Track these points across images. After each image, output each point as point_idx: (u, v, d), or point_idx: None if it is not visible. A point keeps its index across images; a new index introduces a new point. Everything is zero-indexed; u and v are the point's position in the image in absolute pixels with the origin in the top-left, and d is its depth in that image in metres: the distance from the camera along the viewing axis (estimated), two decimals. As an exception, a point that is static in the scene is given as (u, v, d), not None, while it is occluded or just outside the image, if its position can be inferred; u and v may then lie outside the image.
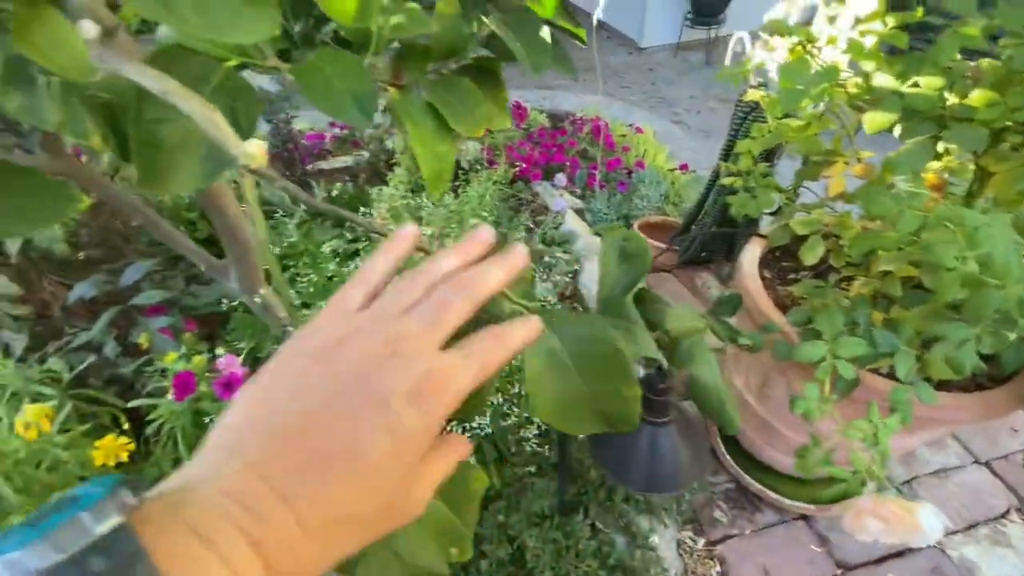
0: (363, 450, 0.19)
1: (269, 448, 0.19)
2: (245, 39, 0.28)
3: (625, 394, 0.33)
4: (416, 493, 0.22)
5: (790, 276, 0.95)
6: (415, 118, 0.55)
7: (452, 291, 0.23)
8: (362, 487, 0.20)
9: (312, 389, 0.20)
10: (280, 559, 0.18)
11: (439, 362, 0.21)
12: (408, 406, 0.20)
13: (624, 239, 0.40)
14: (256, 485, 0.18)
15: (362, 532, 0.21)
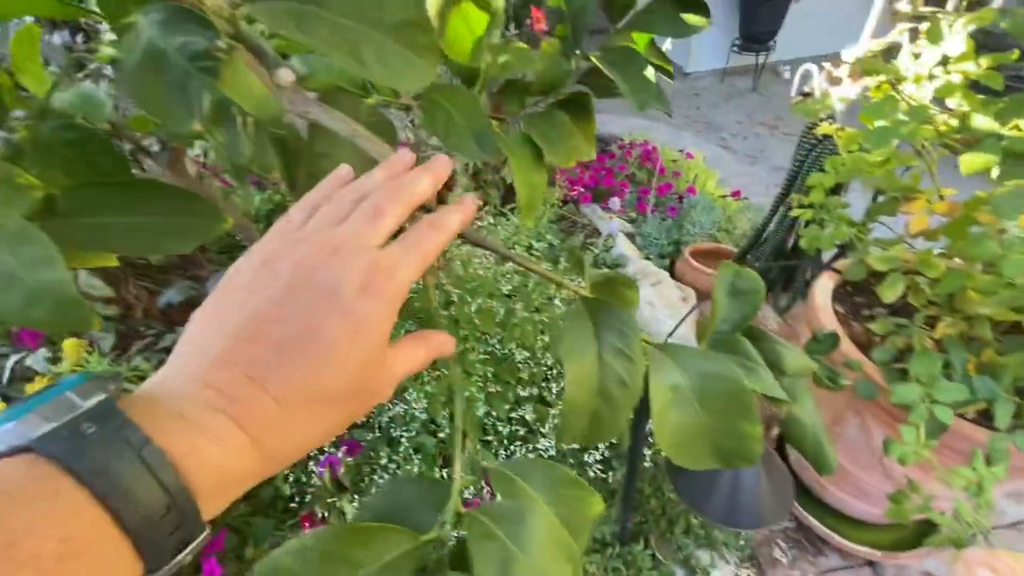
0: (320, 335, 0.20)
1: (231, 342, 0.20)
2: (414, 86, 0.31)
3: (747, 431, 0.34)
4: (384, 376, 0.23)
5: (864, 312, 0.92)
6: (514, 149, 0.58)
7: (383, 196, 0.24)
8: (325, 368, 0.20)
9: (262, 291, 0.21)
10: (263, 434, 0.19)
11: (380, 255, 0.22)
12: (358, 297, 0.21)
13: (736, 275, 0.41)
14: (226, 372, 0.19)
15: (337, 409, 0.22)
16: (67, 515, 0.15)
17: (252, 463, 0.20)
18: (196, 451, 0.18)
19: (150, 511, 0.16)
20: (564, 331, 0.29)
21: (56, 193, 0.38)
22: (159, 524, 0.16)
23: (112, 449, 0.16)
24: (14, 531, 0.14)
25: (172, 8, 0.29)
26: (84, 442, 0.16)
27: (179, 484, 0.17)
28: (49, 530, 0.15)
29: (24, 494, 0.15)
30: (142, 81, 0.29)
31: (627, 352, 0.29)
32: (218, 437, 0.18)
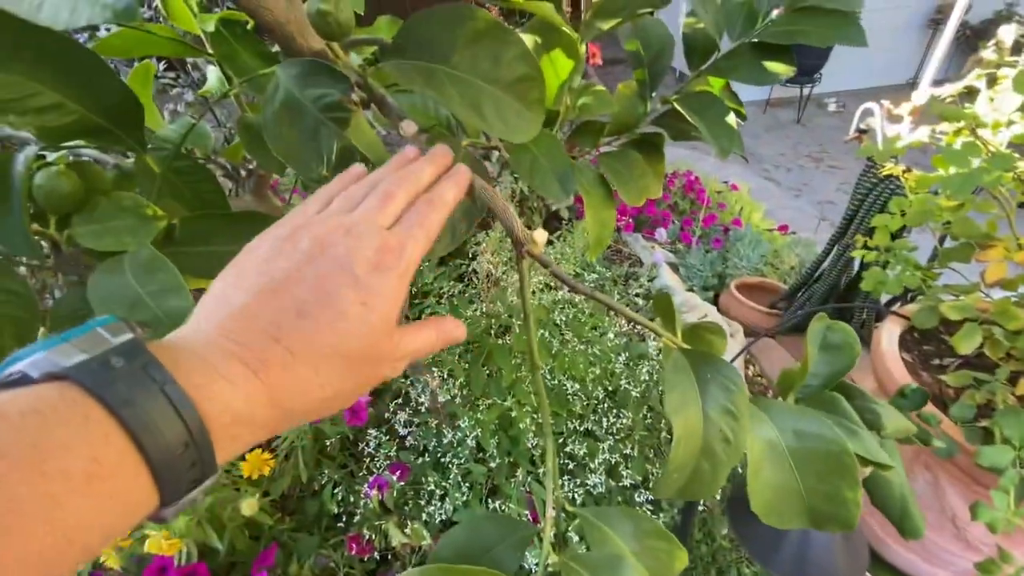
0: (334, 301, 0.22)
1: (252, 299, 0.21)
2: (525, 138, 0.32)
3: (846, 496, 0.33)
4: (392, 347, 0.24)
5: (933, 361, 0.88)
6: (587, 187, 0.59)
7: (391, 184, 0.26)
8: (337, 330, 0.22)
9: (281, 260, 0.23)
10: (276, 383, 0.20)
11: (388, 235, 0.24)
12: (369, 272, 0.23)
13: (828, 327, 0.40)
14: (245, 324, 0.21)
15: (348, 371, 0.23)
16: (97, 439, 0.16)
17: (264, 411, 0.20)
18: (213, 392, 0.19)
19: (171, 444, 0.17)
20: (666, 384, 0.30)
21: (175, 223, 0.41)
22: (178, 458, 0.17)
23: (138, 383, 0.17)
24: (47, 448, 0.15)
25: (309, 63, 0.31)
26: (113, 374, 0.17)
27: (198, 421, 0.18)
28: (80, 450, 0.15)
29: (57, 415, 0.15)
30: (279, 129, 0.31)
31: (732, 410, 0.29)
32: (234, 382, 0.19)
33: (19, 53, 0.28)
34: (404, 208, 0.26)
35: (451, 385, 0.91)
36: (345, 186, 0.28)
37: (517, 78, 0.32)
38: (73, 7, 0.30)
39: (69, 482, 0.15)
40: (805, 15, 0.50)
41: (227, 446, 0.19)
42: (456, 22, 0.30)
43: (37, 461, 0.15)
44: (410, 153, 0.30)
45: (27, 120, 0.30)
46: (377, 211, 0.25)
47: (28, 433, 0.15)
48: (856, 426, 0.34)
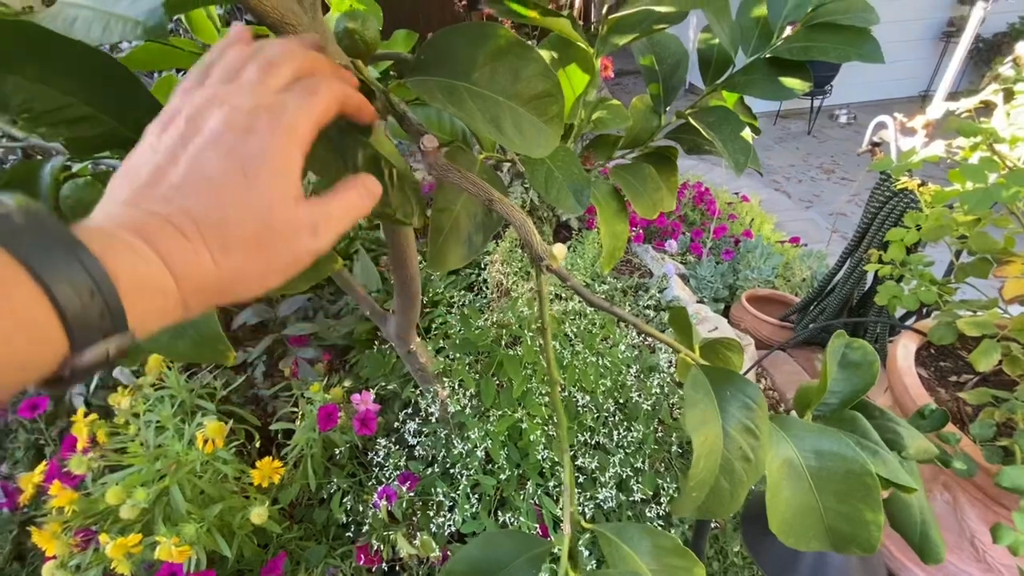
0: (210, 174, 0.22)
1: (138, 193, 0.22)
2: (543, 152, 0.33)
3: (867, 518, 0.32)
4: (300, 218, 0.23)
5: (950, 378, 0.87)
6: (601, 200, 0.59)
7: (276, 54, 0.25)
8: (223, 201, 0.21)
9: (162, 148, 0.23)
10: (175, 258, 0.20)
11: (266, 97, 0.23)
12: (244, 137, 0.22)
13: (847, 345, 0.40)
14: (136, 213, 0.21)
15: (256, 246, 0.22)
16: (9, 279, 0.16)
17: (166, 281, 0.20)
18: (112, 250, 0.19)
19: (77, 290, 0.17)
20: (686, 402, 0.29)
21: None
22: (86, 306, 0.18)
23: (40, 235, 0.17)
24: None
25: (334, 79, 0.32)
26: (18, 227, 0.17)
27: (101, 271, 0.18)
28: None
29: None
30: (302, 143, 0.31)
31: (753, 428, 0.29)
32: (130, 246, 0.20)
33: (53, 66, 0.29)
34: (287, 80, 0.25)
35: (461, 395, 0.91)
36: (223, 52, 0.27)
37: (537, 94, 0.32)
38: (105, 24, 0.31)
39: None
40: (821, 31, 0.50)
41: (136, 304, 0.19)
42: (479, 40, 0.31)
43: None
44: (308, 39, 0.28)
45: (59, 131, 0.31)
46: (258, 80, 0.24)
47: None
48: (877, 446, 0.34)
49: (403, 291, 0.75)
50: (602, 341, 1.03)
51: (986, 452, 0.62)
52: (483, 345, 0.94)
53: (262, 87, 0.24)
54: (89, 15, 0.32)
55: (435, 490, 0.86)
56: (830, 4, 0.49)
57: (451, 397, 0.91)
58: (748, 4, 0.54)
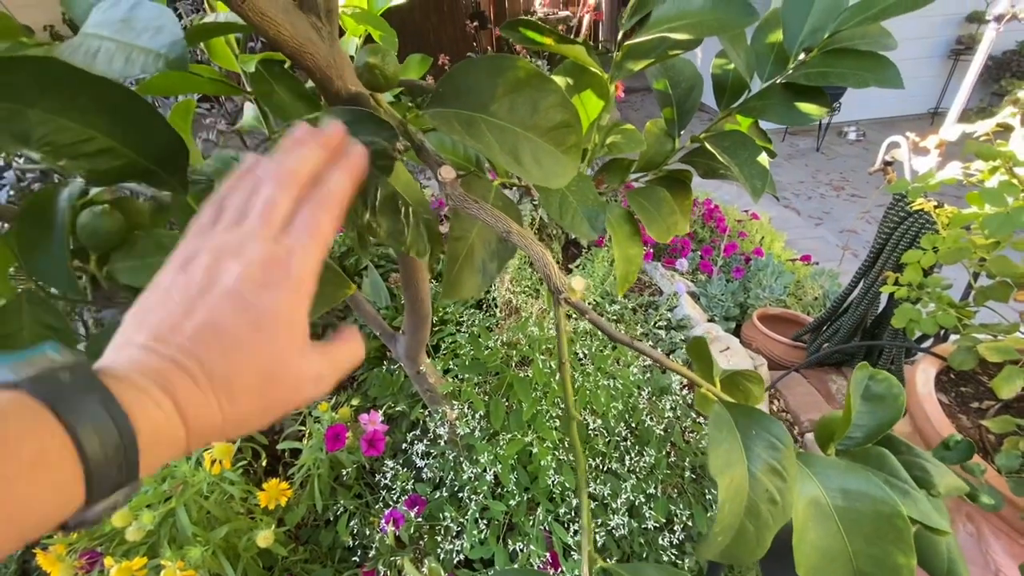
0: (225, 328, 0.23)
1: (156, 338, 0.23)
2: (561, 183, 0.32)
3: (898, 562, 0.31)
4: (305, 370, 0.24)
5: (972, 404, 0.85)
6: (615, 223, 0.59)
7: (273, 188, 0.26)
8: (233, 357, 0.23)
9: (177, 294, 0.24)
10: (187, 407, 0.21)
11: (276, 249, 0.24)
12: (259, 291, 0.23)
13: (871, 377, 0.38)
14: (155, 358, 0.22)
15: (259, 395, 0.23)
16: (45, 434, 0.18)
17: (179, 431, 0.21)
18: (139, 403, 0.20)
19: (105, 447, 0.19)
20: (710, 441, 0.28)
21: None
22: (109, 461, 0.19)
23: (81, 393, 0.19)
24: (10, 438, 0.17)
25: (355, 111, 0.32)
26: (60, 385, 0.19)
27: (129, 428, 0.19)
28: (30, 441, 0.17)
29: (13, 413, 0.18)
30: (319, 174, 0.31)
31: (780, 469, 0.28)
32: (153, 399, 0.21)
33: (75, 101, 0.29)
34: (292, 208, 0.26)
35: (470, 417, 0.90)
36: (236, 185, 0.28)
37: (555, 125, 0.32)
38: (127, 56, 0.31)
39: (19, 465, 0.17)
40: (839, 57, 0.50)
41: (149, 455, 0.21)
42: (497, 72, 0.31)
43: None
44: (299, 133, 0.29)
45: (79, 164, 0.31)
46: (261, 224, 0.25)
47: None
48: (907, 485, 0.33)
49: (413, 312, 0.74)
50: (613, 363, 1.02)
51: (1012, 484, 0.60)
52: (493, 366, 0.93)
53: (267, 230, 0.25)
54: (112, 47, 0.32)
55: (443, 514, 0.85)
56: (847, 30, 0.49)
57: (460, 419, 0.90)
58: (763, 30, 0.54)
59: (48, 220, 0.39)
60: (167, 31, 0.31)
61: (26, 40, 0.35)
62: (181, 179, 0.35)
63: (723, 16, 0.45)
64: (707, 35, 0.45)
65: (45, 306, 0.38)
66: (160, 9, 0.32)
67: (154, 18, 0.32)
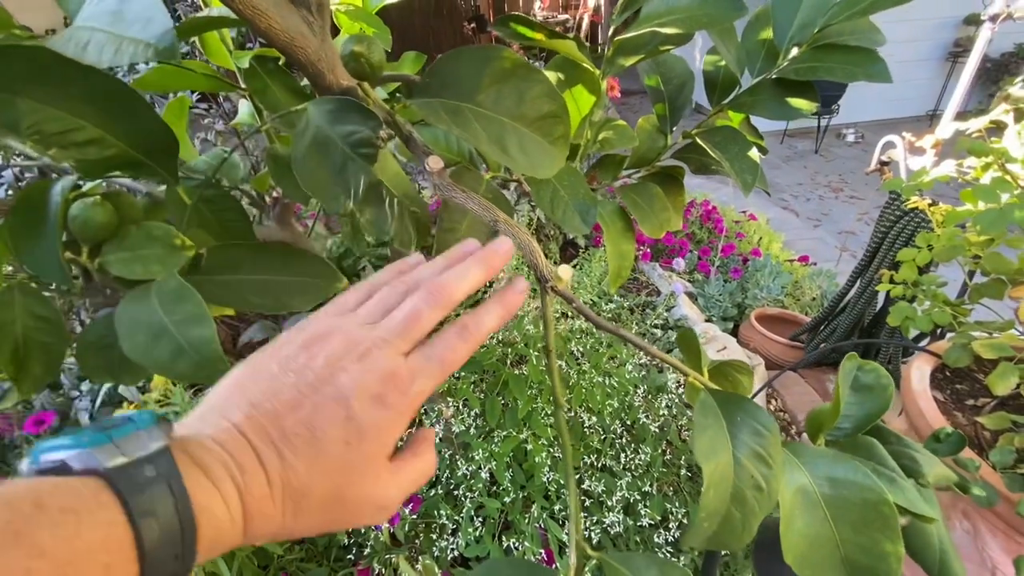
0: (319, 437, 0.22)
1: (250, 418, 0.22)
2: (548, 173, 0.33)
3: (885, 549, 0.31)
4: (378, 494, 0.24)
5: (967, 401, 0.85)
6: (607, 219, 0.59)
7: (424, 300, 0.25)
8: (315, 469, 0.22)
9: (290, 377, 0.23)
10: (252, 511, 0.21)
11: (402, 367, 0.24)
12: (367, 407, 0.22)
13: (859, 368, 0.39)
14: (242, 441, 0.22)
15: (322, 512, 0.23)
16: (114, 547, 0.18)
17: (237, 533, 0.21)
18: (210, 509, 0.20)
19: (166, 558, 0.19)
20: (695, 428, 0.28)
21: (202, 252, 0.42)
22: (166, 568, 0.19)
23: (159, 494, 0.19)
24: (77, 550, 0.17)
25: (340, 101, 0.32)
26: (143, 482, 0.19)
27: (192, 541, 0.19)
28: (100, 556, 0.17)
29: (91, 518, 0.17)
30: (308, 164, 0.31)
31: (764, 455, 0.28)
32: (225, 500, 0.21)
33: (65, 91, 0.29)
34: (430, 327, 0.25)
35: (465, 415, 0.90)
36: (387, 280, 0.28)
37: (542, 115, 0.32)
38: (117, 47, 0.32)
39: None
40: (828, 52, 0.50)
41: (201, 558, 0.20)
42: (483, 61, 0.31)
43: (65, 562, 0.16)
44: (469, 247, 0.28)
45: (69, 153, 0.31)
46: (398, 334, 0.24)
47: (64, 532, 0.17)
48: (894, 473, 0.33)
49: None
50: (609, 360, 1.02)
51: (1007, 479, 0.60)
52: (488, 364, 0.93)
53: (402, 343, 0.24)
54: (102, 38, 0.32)
55: (438, 512, 0.85)
56: (836, 25, 0.49)
57: (455, 417, 0.90)
58: (754, 26, 0.55)
59: (41, 212, 0.39)
60: (157, 22, 0.32)
61: (19, 32, 0.35)
62: (172, 170, 0.36)
63: (712, 10, 0.45)
64: (696, 29, 0.45)
65: (37, 297, 0.39)
66: (150, 1, 0.33)
67: (144, 9, 0.32)
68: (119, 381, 0.42)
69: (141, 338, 0.34)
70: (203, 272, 0.42)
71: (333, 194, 0.31)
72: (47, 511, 0.17)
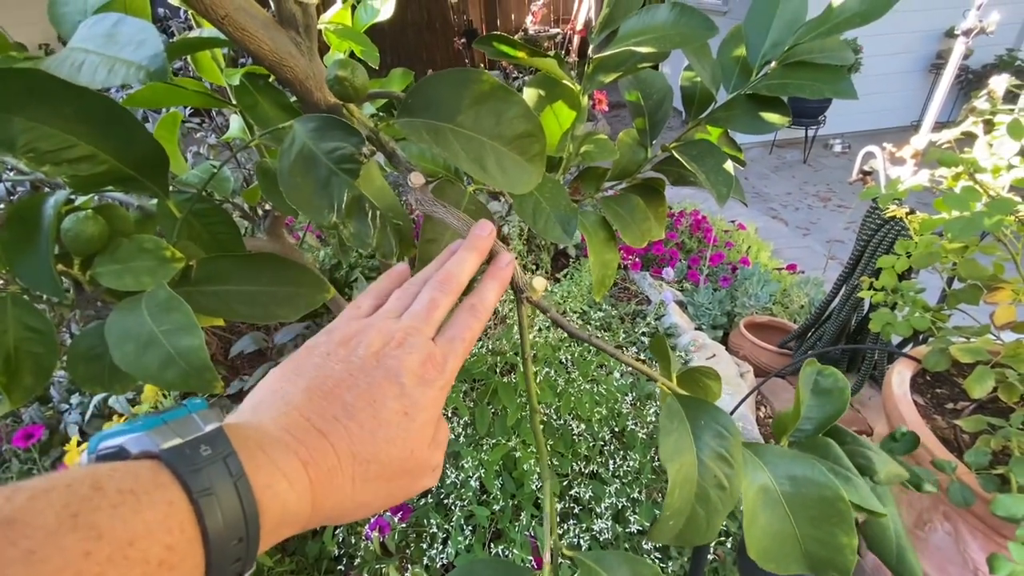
0: (380, 408, 0.24)
1: (309, 400, 0.24)
2: (525, 189, 0.34)
3: (841, 541, 0.32)
4: (429, 459, 0.26)
5: (947, 405, 0.87)
6: (590, 229, 0.60)
7: (437, 290, 0.29)
8: (379, 438, 0.24)
9: (337, 364, 0.25)
10: (320, 480, 0.22)
11: (434, 349, 0.27)
12: (415, 384, 0.25)
13: (819, 372, 0.40)
14: (302, 422, 0.23)
15: (387, 480, 0.24)
16: (175, 526, 0.17)
17: (306, 508, 0.22)
18: (272, 487, 0.20)
19: (230, 538, 0.18)
20: (661, 430, 0.30)
21: (191, 264, 0.43)
22: (230, 552, 0.18)
23: (217, 473, 0.19)
24: (135, 531, 0.16)
25: (325, 118, 0.33)
26: (200, 462, 0.19)
27: (255, 516, 0.19)
28: (160, 536, 0.17)
29: (149, 498, 0.17)
30: (294, 179, 0.33)
31: (727, 456, 0.29)
32: (288, 477, 0.21)
33: (59, 110, 0.31)
34: (447, 311, 0.29)
35: (455, 423, 0.91)
36: (393, 284, 0.31)
37: (519, 134, 0.34)
38: (110, 68, 0.33)
39: (147, 566, 0.16)
40: (797, 69, 0.52)
41: (268, 541, 0.20)
42: (463, 84, 0.33)
43: (125, 543, 0.16)
44: (454, 245, 0.32)
45: (61, 170, 0.32)
46: (423, 320, 0.27)
47: (122, 512, 0.16)
48: (849, 472, 0.34)
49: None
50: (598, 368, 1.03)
51: (982, 480, 0.61)
52: (478, 373, 0.94)
53: (428, 327, 0.27)
54: (96, 60, 0.34)
55: (428, 521, 0.85)
56: (805, 43, 0.51)
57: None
58: (728, 44, 0.57)
59: (34, 225, 0.40)
60: (148, 44, 0.33)
61: (15, 55, 0.37)
62: (162, 185, 0.37)
63: (685, 30, 0.47)
64: (671, 48, 0.47)
65: (29, 309, 0.40)
66: (142, 24, 0.34)
67: (136, 32, 0.34)
68: (109, 391, 0.43)
69: (131, 347, 0.35)
70: (193, 283, 0.44)
71: (317, 207, 0.33)
72: (105, 493, 0.17)
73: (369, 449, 0.23)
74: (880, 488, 0.41)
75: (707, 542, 0.30)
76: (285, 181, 0.33)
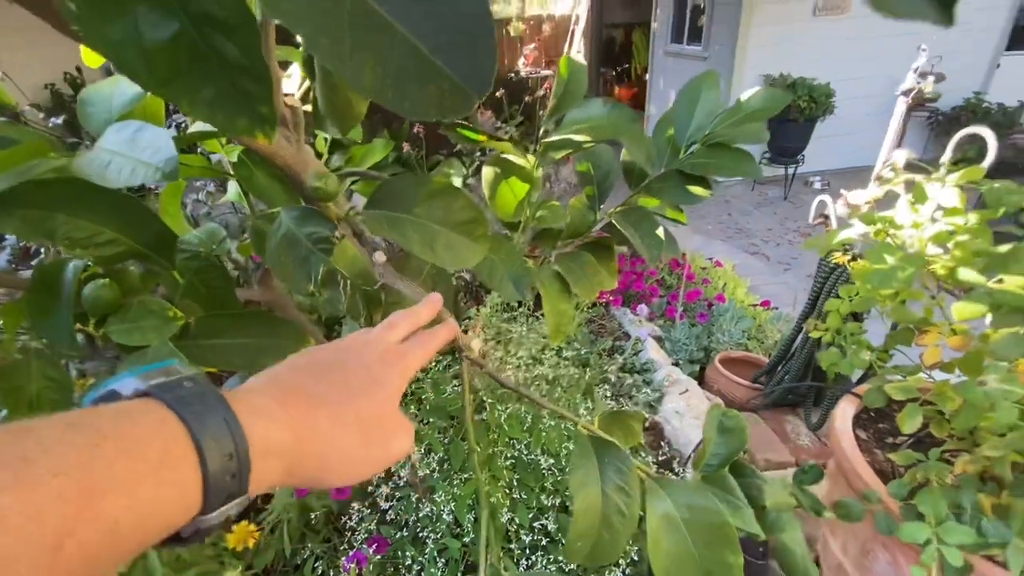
0: (351, 380, 0.30)
1: (296, 377, 0.29)
2: (472, 263, 0.42)
3: (730, 561, 0.39)
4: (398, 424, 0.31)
5: (888, 439, 0.93)
6: (545, 282, 0.68)
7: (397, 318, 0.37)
8: (352, 388, 0.29)
9: (327, 356, 0.31)
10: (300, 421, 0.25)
11: (395, 345, 0.34)
12: (377, 364, 0.32)
13: (724, 415, 0.47)
14: (287, 388, 0.27)
15: (361, 431, 0.28)
16: (169, 436, 0.20)
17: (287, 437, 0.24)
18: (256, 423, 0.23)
19: (221, 453, 0.20)
20: (571, 465, 0.37)
21: (190, 321, 0.50)
22: (224, 468, 0.21)
23: (202, 401, 0.21)
24: (133, 436, 0.19)
25: (305, 209, 0.41)
26: (186, 393, 0.21)
27: (244, 439, 0.21)
28: (156, 442, 0.19)
29: (143, 416, 0.20)
30: (279, 256, 0.40)
31: (626, 488, 0.36)
32: (271, 416, 0.24)
33: (92, 207, 0.38)
34: (407, 334, 0.36)
35: (430, 459, 0.96)
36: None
37: (464, 221, 0.42)
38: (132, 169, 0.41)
39: (146, 465, 0.19)
40: (716, 151, 0.61)
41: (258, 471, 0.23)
42: (419, 184, 0.41)
43: (125, 446, 0.19)
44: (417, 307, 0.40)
45: (89, 251, 0.40)
46: (385, 332, 0.35)
47: (121, 423, 0.19)
48: (740, 501, 0.41)
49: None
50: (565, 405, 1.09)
51: (904, 511, 0.68)
52: (453, 410, 1.00)
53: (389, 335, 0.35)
54: (121, 161, 0.42)
55: (404, 553, 0.89)
56: (721, 129, 0.61)
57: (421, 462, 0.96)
58: (662, 126, 0.66)
59: (56, 290, 0.47)
60: (164, 150, 0.41)
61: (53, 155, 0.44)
62: (170, 259, 0.44)
63: (616, 121, 0.57)
64: (605, 137, 0.56)
65: (49, 361, 0.46)
66: (160, 132, 0.42)
67: (154, 139, 0.42)
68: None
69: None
70: (191, 337, 0.50)
71: (298, 280, 0.40)
72: (102, 414, 0.19)
73: (343, 397, 0.28)
74: (782, 516, 0.47)
75: (612, 560, 0.36)
76: (272, 258, 0.41)
